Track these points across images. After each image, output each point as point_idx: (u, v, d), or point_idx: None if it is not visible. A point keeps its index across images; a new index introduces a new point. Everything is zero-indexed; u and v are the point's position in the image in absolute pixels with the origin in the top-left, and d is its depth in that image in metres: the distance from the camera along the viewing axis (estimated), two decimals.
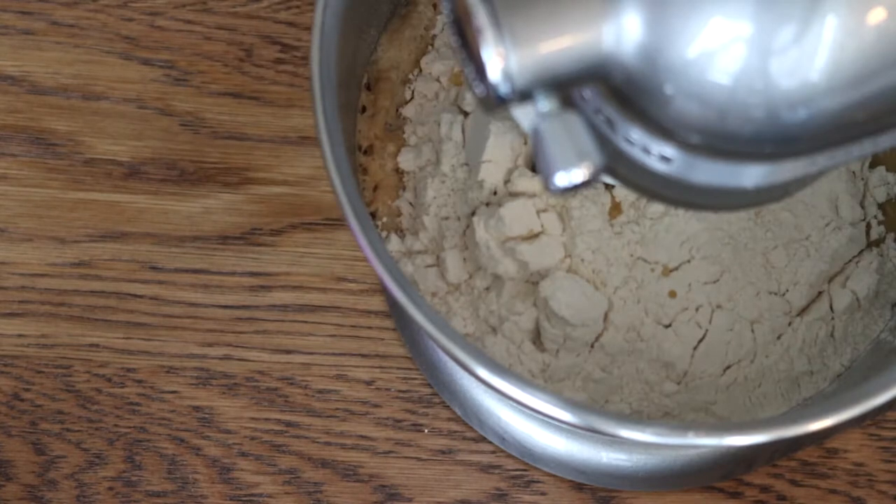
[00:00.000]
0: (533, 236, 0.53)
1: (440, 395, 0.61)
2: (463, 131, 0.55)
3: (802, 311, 0.54)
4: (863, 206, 0.56)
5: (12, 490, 0.60)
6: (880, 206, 0.56)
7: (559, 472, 0.60)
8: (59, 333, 0.62)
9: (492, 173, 0.54)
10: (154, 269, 0.62)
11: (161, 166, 0.63)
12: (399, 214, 0.57)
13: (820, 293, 0.55)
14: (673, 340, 0.53)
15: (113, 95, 0.64)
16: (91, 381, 0.61)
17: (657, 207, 0.53)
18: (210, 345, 0.62)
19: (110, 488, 0.61)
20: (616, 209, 0.54)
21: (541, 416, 0.44)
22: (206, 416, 0.61)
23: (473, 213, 0.54)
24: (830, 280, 0.55)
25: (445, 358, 0.59)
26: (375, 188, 0.57)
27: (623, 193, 0.54)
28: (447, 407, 0.61)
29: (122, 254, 0.62)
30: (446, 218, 0.55)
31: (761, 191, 0.39)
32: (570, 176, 0.34)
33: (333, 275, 0.62)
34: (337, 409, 0.61)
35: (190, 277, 0.62)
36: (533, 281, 0.53)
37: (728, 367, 0.54)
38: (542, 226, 0.53)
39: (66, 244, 0.62)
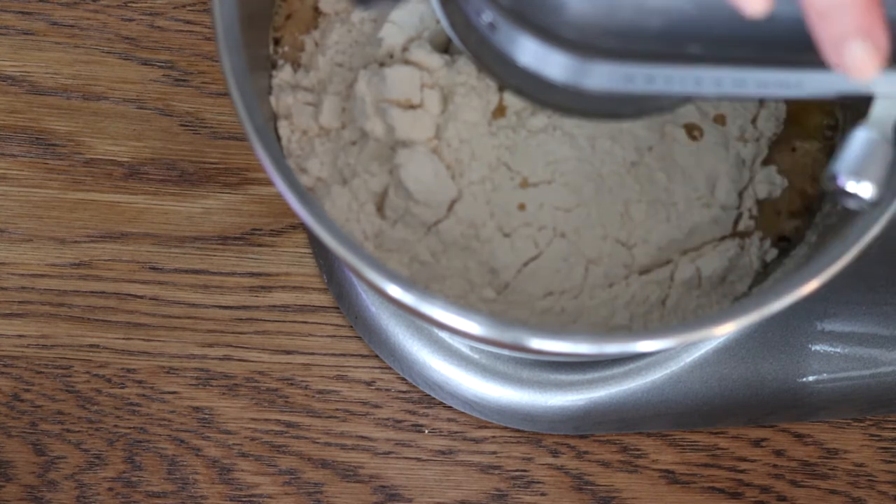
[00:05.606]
0: (409, 106, 0.53)
1: (369, 345, 0.61)
2: None
3: (644, 271, 0.54)
4: (741, 196, 0.55)
5: (12, 491, 0.60)
6: (758, 203, 0.55)
7: (503, 421, 0.60)
8: (58, 334, 0.62)
9: (393, 35, 0.54)
10: (154, 269, 0.62)
11: (161, 167, 0.63)
12: (302, 49, 0.56)
13: (669, 261, 0.54)
14: (507, 250, 0.53)
15: (113, 96, 0.64)
16: (91, 382, 0.61)
17: (538, 122, 0.53)
18: (210, 345, 0.62)
19: (110, 489, 0.61)
20: (500, 111, 0.54)
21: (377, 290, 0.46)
22: (206, 416, 0.61)
23: (365, 68, 0.54)
24: (684, 253, 0.54)
25: (367, 302, 0.60)
26: (288, 17, 0.56)
27: (512, 101, 0.54)
28: (447, 407, 0.61)
29: (122, 254, 0.62)
30: (340, 65, 0.55)
31: (610, 100, 0.40)
32: None
33: None
34: (337, 409, 0.61)
35: (190, 278, 0.62)
36: (395, 148, 0.53)
37: (549, 294, 0.53)
38: (421, 100, 0.53)
39: (66, 244, 0.62)
